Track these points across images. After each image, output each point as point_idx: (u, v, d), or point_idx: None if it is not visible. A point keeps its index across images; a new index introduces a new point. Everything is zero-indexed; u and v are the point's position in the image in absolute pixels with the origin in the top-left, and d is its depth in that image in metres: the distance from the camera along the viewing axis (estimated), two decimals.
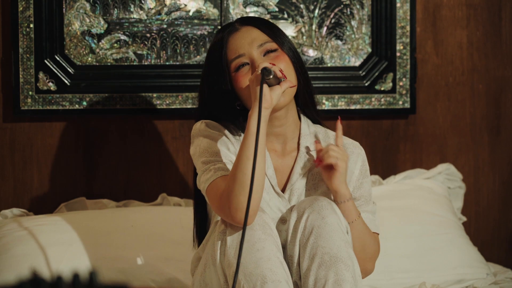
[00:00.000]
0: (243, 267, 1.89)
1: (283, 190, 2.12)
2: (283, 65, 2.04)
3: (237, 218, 1.92)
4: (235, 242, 1.92)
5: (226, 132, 2.08)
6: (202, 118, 2.13)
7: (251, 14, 2.88)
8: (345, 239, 1.97)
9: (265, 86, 1.92)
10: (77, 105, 2.85)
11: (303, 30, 2.91)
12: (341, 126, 2.12)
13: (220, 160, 2.02)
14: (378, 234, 2.19)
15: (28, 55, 2.81)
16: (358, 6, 2.93)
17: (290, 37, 2.49)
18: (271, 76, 1.93)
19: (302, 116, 2.18)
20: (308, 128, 2.17)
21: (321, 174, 2.12)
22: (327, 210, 1.97)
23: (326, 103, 2.93)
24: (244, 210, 1.89)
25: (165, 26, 2.87)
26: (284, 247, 2.04)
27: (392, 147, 3.01)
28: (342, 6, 2.93)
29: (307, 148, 2.15)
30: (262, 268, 1.88)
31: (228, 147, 2.06)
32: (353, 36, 2.94)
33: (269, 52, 2.07)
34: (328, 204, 1.98)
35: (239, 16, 2.87)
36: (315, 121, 2.21)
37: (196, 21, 2.89)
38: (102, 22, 2.86)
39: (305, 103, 2.16)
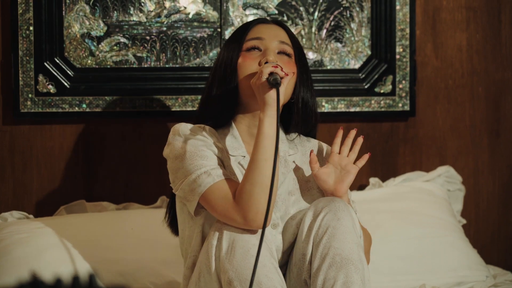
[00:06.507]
0: (238, 273, 1.88)
1: None
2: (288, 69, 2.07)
3: (257, 221, 1.92)
4: (230, 247, 1.92)
5: (206, 135, 2.07)
6: (203, 117, 2.14)
7: (251, 17, 2.88)
8: (358, 242, 1.97)
9: (273, 92, 1.94)
10: (76, 108, 2.84)
11: (302, 32, 2.91)
12: (341, 134, 2.15)
13: (213, 164, 2.01)
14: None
15: (27, 58, 2.81)
16: (357, 9, 2.93)
17: None
18: (279, 81, 1.93)
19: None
20: (283, 133, 2.18)
21: (313, 177, 2.13)
22: (343, 212, 1.98)
23: (325, 106, 2.93)
24: (264, 213, 1.89)
25: (164, 28, 2.87)
26: (280, 251, 2.05)
27: (392, 150, 3.01)
28: (341, 8, 2.93)
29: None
30: (258, 274, 1.87)
31: (214, 151, 2.05)
32: (352, 38, 2.94)
33: (284, 54, 2.10)
34: (344, 206, 1.99)
35: (238, 19, 2.87)
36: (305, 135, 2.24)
37: (195, 23, 2.89)
38: (102, 24, 2.86)
39: (298, 118, 2.15)
